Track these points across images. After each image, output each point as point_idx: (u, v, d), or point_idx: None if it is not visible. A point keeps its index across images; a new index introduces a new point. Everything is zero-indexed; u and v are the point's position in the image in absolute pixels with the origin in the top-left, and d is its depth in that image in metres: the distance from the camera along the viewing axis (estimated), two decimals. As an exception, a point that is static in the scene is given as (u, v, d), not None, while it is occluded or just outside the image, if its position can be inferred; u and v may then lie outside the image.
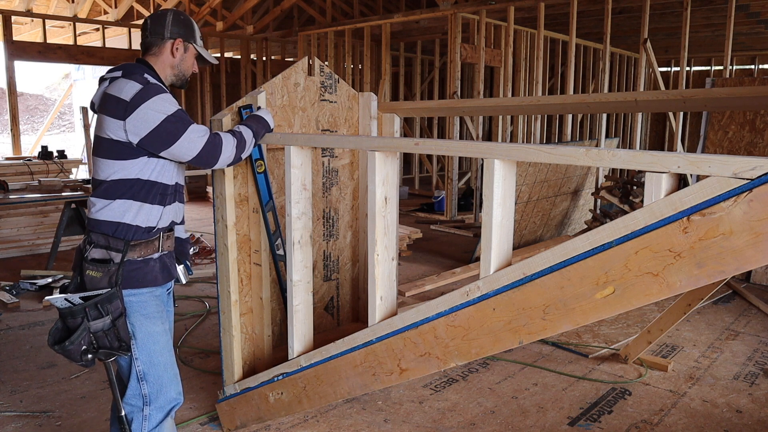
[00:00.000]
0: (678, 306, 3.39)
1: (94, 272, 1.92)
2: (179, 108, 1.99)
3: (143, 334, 2.02)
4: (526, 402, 3.14)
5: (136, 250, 1.98)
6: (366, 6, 11.26)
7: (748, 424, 2.94)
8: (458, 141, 2.95)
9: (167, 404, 2.08)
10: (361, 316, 3.13)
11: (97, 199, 1.98)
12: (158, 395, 2.05)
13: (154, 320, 2.05)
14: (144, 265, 2.01)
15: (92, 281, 1.92)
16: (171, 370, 2.09)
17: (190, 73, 2.17)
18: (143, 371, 2.03)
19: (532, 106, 5.04)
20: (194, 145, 1.96)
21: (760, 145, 5.91)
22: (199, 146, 1.97)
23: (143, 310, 2.02)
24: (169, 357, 2.09)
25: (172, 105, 1.95)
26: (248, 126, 2.21)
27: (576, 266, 1.54)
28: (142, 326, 2.02)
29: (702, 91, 4.01)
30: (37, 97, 24.68)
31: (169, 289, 2.21)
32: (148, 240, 2.01)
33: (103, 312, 1.88)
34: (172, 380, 2.09)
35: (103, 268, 1.92)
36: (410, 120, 11.97)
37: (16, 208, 6.04)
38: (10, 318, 4.33)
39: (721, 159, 1.28)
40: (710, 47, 11.69)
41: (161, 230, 2.05)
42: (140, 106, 1.88)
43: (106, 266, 1.92)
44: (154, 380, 2.04)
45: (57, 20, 10.46)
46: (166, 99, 1.94)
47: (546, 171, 6.22)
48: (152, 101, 1.90)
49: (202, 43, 2.19)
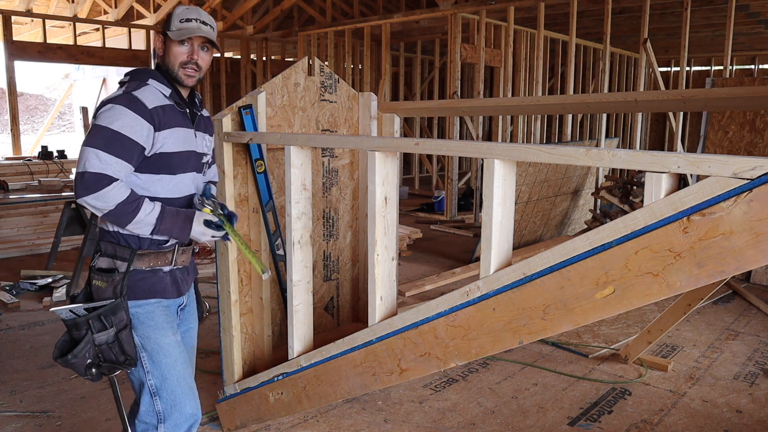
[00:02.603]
0: (678, 306, 3.39)
1: (100, 282, 1.85)
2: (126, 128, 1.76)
3: (153, 346, 1.91)
4: (526, 402, 3.14)
5: (144, 259, 1.88)
6: (366, 6, 11.26)
7: (748, 424, 2.94)
8: (458, 141, 2.95)
9: (184, 421, 1.95)
10: (361, 316, 3.12)
11: None
12: (173, 411, 1.93)
13: (164, 331, 1.93)
14: (152, 275, 1.91)
15: (98, 291, 1.85)
16: (186, 384, 1.96)
17: (181, 64, 1.91)
18: (156, 386, 1.92)
19: (532, 106, 5.05)
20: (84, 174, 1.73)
21: (760, 145, 5.90)
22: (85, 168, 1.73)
23: (151, 321, 1.91)
24: (183, 370, 1.96)
25: (118, 120, 1.75)
26: (163, 215, 1.85)
27: (576, 266, 1.54)
28: (150, 338, 1.91)
29: (702, 91, 4.02)
30: (37, 97, 24.69)
31: (182, 306, 2.06)
32: (159, 251, 1.91)
33: (107, 324, 1.80)
34: (187, 395, 1.95)
35: (107, 277, 1.84)
36: (410, 120, 11.96)
37: (16, 208, 6.04)
38: (10, 318, 4.33)
39: (721, 159, 1.27)
40: (710, 47, 11.69)
41: (177, 243, 1.94)
42: (95, 116, 1.79)
43: (110, 276, 1.84)
44: (167, 395, 1.92)
45: (57, 20, 10.46)
46: (118, 112, 1.76)
47: (546, 171, 6.21)
48: (103, 112, 1.78)
49: (182, 23, 1.90)
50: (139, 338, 1.90)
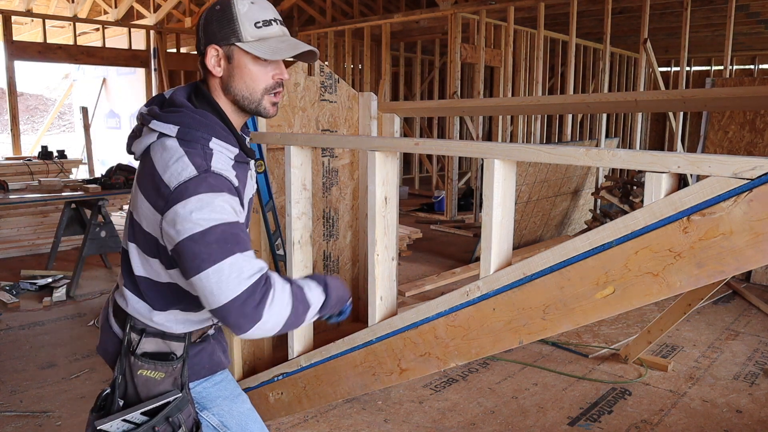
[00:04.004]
0: (678, 306, 3.39)
1: (152, 372, 1.39)
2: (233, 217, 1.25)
3: (238, 419, 1.55)
4: (526, 402, 3.14)
5: (195, 332, 1.49)
6: (366, 6, 11.25)
7: (748, 424, 2.94)
8: (458, 141, 2.95)
9: None
10: (361, 316, 3.12)
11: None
12: None
13: (241, 398, 1.60)
14: (206, 344, 1.54)
15: (148, 384, 1.40)
16: None
17: (266, 89, 1.37)
18: None
19: (532, 106, 5.04)
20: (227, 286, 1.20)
21: (760, 145, 5.90)
22: (234, 292, 1.20)
23: (224, 391, 1.56)
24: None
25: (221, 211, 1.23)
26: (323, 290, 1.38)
27: (576, 266, 1.54)
28: (232, 411, 1.55)
29: (702, 91, 4.02)
30: (37, 97, 24.68)
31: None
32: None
33: (175, 425, 1.39)
34: None
35: (164, 366, 1.40)
36: (410, 120, 11.96)
37: (16, 208, 6.04)
38: (10, 318, 4.33)
39: (721, 159, 1.27)
40: (710, 47, 11.69)
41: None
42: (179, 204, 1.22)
43: (168, 364, 1.40)
44: None
45: (57, 20, 10.46)
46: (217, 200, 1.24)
47: (546, 171, 6.21)
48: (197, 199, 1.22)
49: (261, 31, 1.33)
50: (217, 418, 1.53)
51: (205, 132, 1.31)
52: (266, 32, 1.33)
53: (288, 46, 1.33)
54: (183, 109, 1.33)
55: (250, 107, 1.38)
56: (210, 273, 1.19)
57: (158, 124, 1.31)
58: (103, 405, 1.44)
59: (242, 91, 1.36)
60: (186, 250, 1.20)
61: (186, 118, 1.31)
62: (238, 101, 1.37)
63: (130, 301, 1.42)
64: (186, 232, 1.19)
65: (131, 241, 1.38)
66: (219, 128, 1.34)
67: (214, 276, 1.19)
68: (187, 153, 1.26)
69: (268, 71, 1.35)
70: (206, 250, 1.19)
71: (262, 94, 1.37)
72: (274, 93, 1.38)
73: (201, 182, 1.22)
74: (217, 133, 1.33)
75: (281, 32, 1.35)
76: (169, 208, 1.22)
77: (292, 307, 1.26)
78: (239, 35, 1.31)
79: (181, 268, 1.24)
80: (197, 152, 1.27)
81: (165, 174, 1.24)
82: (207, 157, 1.27)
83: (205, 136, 1.30)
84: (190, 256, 1.20)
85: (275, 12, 1.36)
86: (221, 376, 1.57)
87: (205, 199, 1.21)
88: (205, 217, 1.20)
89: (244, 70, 1.34)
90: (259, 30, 1.32)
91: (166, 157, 1.26)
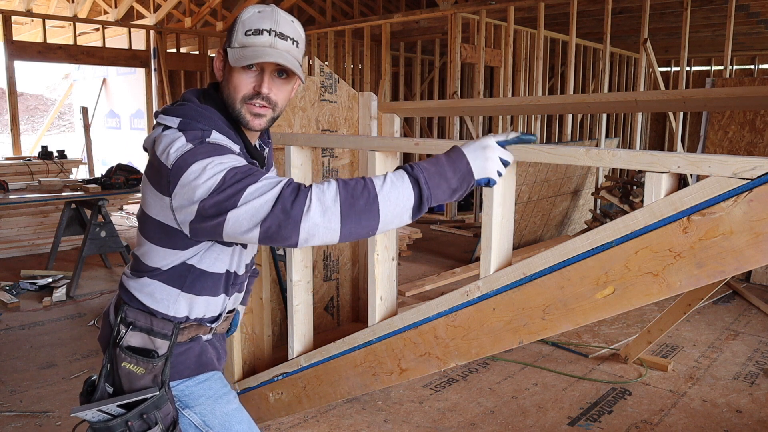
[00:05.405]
0: (678, 306, 3.39)
1: (133, 366, 1.41)
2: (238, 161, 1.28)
3: (221, 419, 1.50)
4: (526, 402, 3.14)
5: (184, 332, 1.47)
6: (366, 6, 11.25)
7: (748, 424, 2.94)
8: (458, 141, 2.94)
9: None
10: (361, 316, 3.13)
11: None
12: None
13: (227, 398, 1.55)
14: (195, 344, 1.51)
15: (130, 377, 1.41)
16: None
17: (244, 98, 1.36)
18: None
19: (532, 106, 5.04)
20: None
21: (760, 145, 5.90)
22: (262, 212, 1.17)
23: (208, 390, 1.51)
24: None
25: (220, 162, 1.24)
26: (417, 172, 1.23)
27: (576, 266, 1.54)
28: (215, 411, 1.50)
29: (702, 91, 4.02)
30: (37, 97, 24.69)
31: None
32: (202, 323, 1.52)
33: (151, 422, 1.38)
34: None
35: (145, 362, 1.40)
36: (410, 120, 11.96)
37: (16, 208, 6.04)
38: (10, 318, 4.33)
39: (721, 159, 1.27)
40: (710, 47, 11.68)
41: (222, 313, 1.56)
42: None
43: (149, 361, 1.41)
44: None
45: (57, 20, 10.46)
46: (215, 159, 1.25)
47: (546, 171, 6.22)
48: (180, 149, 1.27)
49: (247, 39, 1.32)
50: (199, 417, 1.49)
51: (205, 124, 1.33)
52: (251, 40, 1.32)
53: (253, 55, 1.31)
54: (188, 104, 1.37)
55: (233, 114, 1.38)
56: (230, 217, 1.17)
57: (163, 117, 1.35)
58: (90, 390, 1.46)
59: (227, 97, 1.38)
60: (205, 211, 1.20)
61: (189, 111, 1.35)
62: (227, 107, 1.38)
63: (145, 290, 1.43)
64: (198, 198, 1.20)
65: (143, 234, 1.41)
66: (221, 123, 1.36)
67: (239, 214, 1.17)
68: (185, 134, 1.29)
69: (249, 81, 1.35)
70: (222, 197, 1.18)
71: (241, 102, 1.36)
72: (255, 104, 1.36)
73: (196, 151, 1.24)
74: (219, 128, 1.35)
75: (267, 42, 1.32)
76: (174, 186, 1.23)
77: (342, 200, 1.16)
78: (231, 41, 1.35)
79: (210, 230, 1.22)
80: (195, 134, 1.29)
81: (163, 156, 1.27)
82: (204, 135, 1.30)
83: (205, 128, 1.32)
84: (212, 213, 1.19)
85: (277, 24, 1.34)
86: (207, 376, 1.54)
87: (202, 163, 1.21)
88: (209, 174, 1.20)
89: (229, 76, 1.37)
90: (247, 38, 1.32)
91: (165, 142, 1.29)
